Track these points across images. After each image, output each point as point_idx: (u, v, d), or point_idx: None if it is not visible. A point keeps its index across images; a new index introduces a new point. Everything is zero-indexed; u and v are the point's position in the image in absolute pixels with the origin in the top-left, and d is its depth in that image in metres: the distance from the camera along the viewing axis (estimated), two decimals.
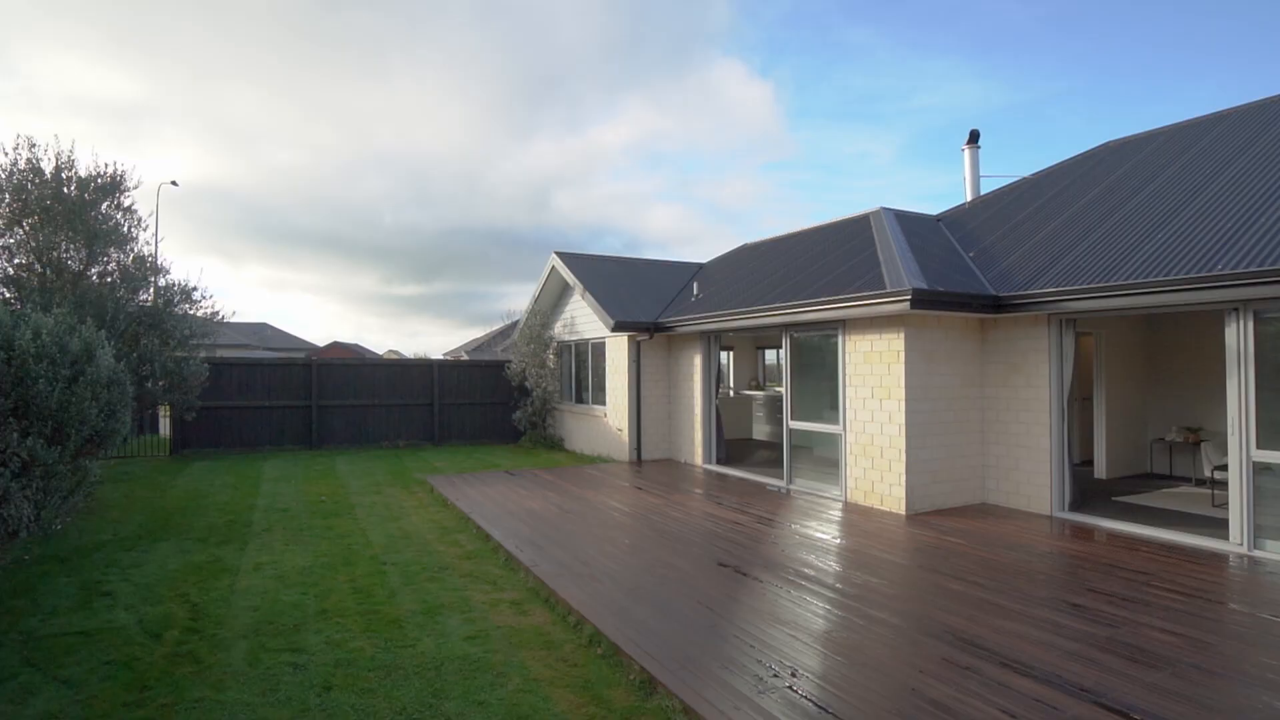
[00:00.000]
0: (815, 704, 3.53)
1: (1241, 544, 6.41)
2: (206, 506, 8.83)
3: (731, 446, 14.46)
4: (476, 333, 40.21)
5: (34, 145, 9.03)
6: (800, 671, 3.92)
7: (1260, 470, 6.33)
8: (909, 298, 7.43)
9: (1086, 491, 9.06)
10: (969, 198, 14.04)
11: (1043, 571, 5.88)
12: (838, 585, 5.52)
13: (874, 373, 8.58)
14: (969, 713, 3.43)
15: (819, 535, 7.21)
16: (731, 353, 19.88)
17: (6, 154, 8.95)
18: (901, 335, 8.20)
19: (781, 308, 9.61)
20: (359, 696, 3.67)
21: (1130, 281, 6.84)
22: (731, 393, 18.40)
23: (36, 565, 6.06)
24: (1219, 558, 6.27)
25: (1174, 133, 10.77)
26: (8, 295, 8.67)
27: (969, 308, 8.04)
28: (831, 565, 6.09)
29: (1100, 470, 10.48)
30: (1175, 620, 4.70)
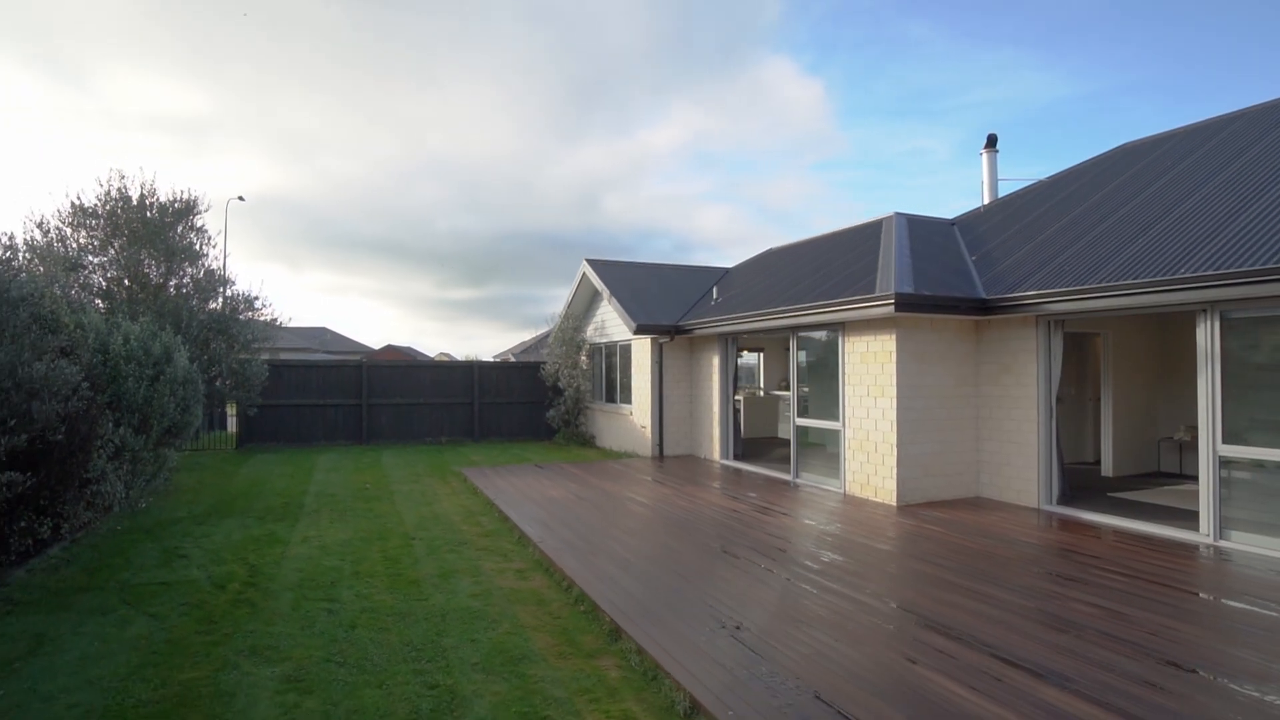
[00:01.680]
0: (746, 647, 4.19)
1: (1208, 535, 6.71)
2: (265, 491, 9.97)
3: (756, 444, 15.02)
4: (528, 335, 41.62)
5: (124, 177, 10.45)
6: (745, 625, 4.58)
7: (1227, 465, 6.62)
8: (893, 301, 7.94)
9: (1083, 487, 9.33)
10: (986, 200, 14.28)
11: (1003, 555, 6.34)
12: (806, 563, 6.12)
13: (869, 372, 9.08)
14: (875, 654, 4.04)
15: (808, 522, 7.79)
16: (762, 354, 20.37)
17: (101, 184, 10.40)
18: (893, 337, 8.68)
19: (786, 311, 10.18)
20: (377, 633, 4.51)
21: (1102, 284, 7.20)
22: (761, 393, 18.89)
23: (126, 534, 7.18)
24: (1184, 547, 6.60)
25: (1187, 134, 10.86)
26: (101, 305, 10.03)
27: (957, 310, 8.48)
28: (808, 547, 6.68)
29: (1107, 468, 10.66)
30: (1105, 596, 5.15)
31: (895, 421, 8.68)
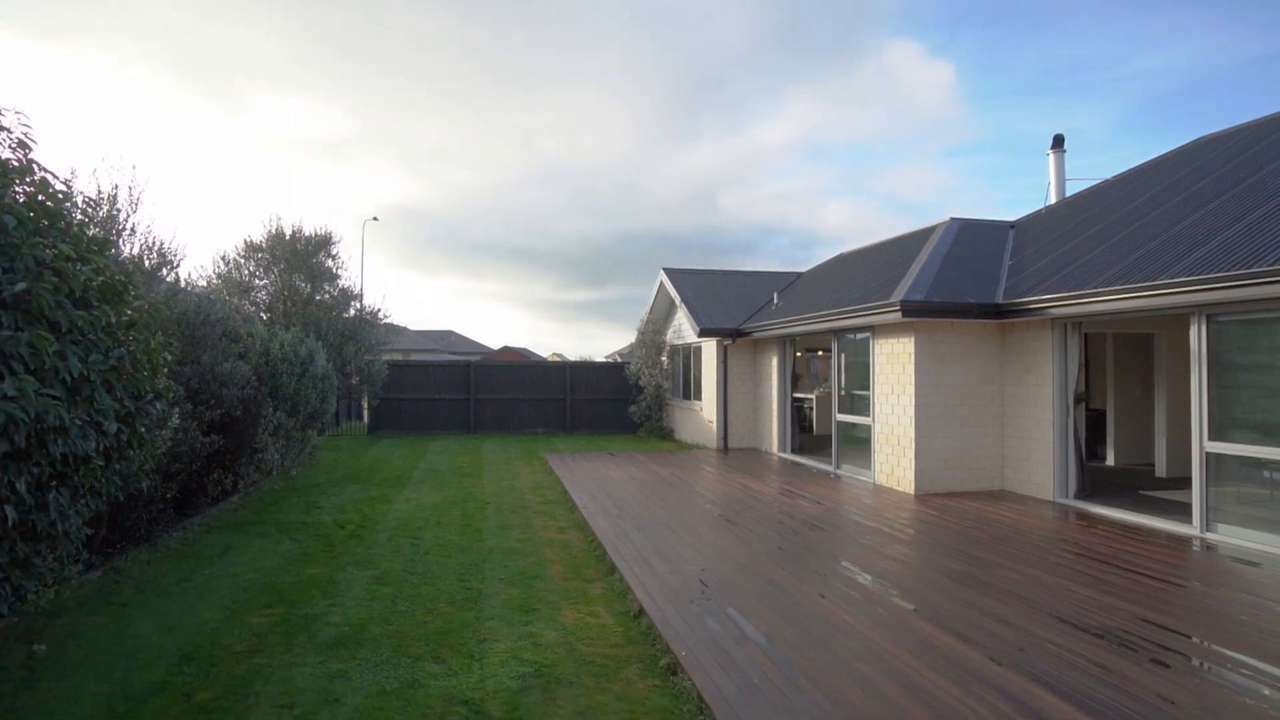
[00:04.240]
0: (700, 582, 5.48)
1: (1197, 528, 7.09)
2: (385, 467, 12.27)
3: (824, 439, 15.82)
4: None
5: (279, 218, 13.39)
6: (708, 568, 5.86)
7: (1214, 461, 6.98)
8: (898, 308, 8.77)
9: (1124, 486, 9.62)
10: (1052, 200, 14.27)
11: (977, 535, 7.11)
12: (795, 531, 7.23)
13: (893, 371, 9.88)
14: (798, 590, 5.20)
15: (823, 504, 8.80)
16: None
17: (264, 225, 13.41)
18: (912, 339, 9.46)
19: (826, 315, 11.12)
20: (441, 558, 6.23)
21: (1094, 289, 7.70)
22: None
23: (281, 491, 9.51)
24: (1169, 537, 7.03)
25: (1256, 128, 10.62)
26: (265, 317, 12.82)
27: (969, 314, 9.13)
28: (807, 522, 7.76)
29: (1160, 469, 10.70)
30: (1040, 568, 5.92)
31: (914, 417, 9.45)
